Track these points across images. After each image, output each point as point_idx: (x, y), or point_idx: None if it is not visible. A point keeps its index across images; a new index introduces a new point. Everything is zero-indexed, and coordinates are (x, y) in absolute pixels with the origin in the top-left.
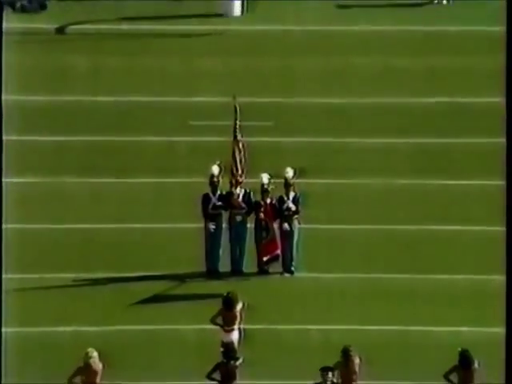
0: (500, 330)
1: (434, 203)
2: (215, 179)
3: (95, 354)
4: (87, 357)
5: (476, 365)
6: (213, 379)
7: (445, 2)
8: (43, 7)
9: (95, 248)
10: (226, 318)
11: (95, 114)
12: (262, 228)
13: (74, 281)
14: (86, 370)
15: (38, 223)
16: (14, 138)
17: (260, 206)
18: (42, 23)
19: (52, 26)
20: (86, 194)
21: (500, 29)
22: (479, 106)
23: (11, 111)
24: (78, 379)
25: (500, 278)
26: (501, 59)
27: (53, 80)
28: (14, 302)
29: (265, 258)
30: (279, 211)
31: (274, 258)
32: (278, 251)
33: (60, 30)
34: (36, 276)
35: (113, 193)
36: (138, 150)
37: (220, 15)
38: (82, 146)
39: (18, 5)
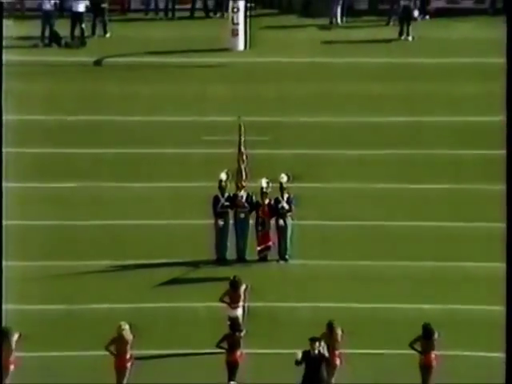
0: (457, 307)
1: (402, 204)
2: (223, 184)
3: (127, 326)
4: (120, 329)
5: (436, 335)
6: (221, 347)
7: (410, 38)
8: (83, 44)
9: (127, 240)
10: (232, 297)
11: (126, 131)
12: (259, 223)
13: (111, 267)
14: (120, 340)
15: (82, 220)
16: (61, 150)
17: (260, 205)
18: (83, 57)
19: (90, 59)
20: (121, 196)
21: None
22: (440, 123)
23: (55, 129)
24: (112, 347)
25: (459, 265)
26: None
27: (91, 102)
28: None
29: (259, 248)
30: (275, 210)
31: (267, 248)
32: (270, 243)
33: (97, 63)
34: (90, 262)
35: (140, 195)
36: (160, 160)
37: (227, 50)
38: (115, 157)
39: (63, 42)
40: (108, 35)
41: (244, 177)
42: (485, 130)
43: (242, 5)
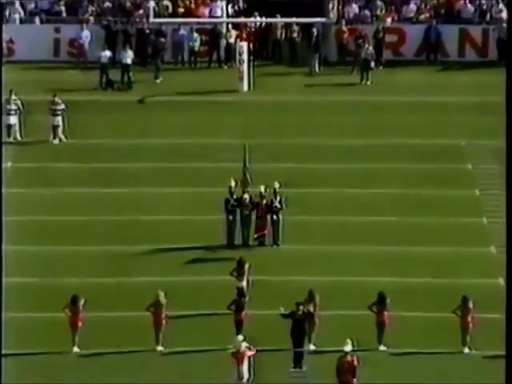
0: (411, 280)
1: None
2: (232, 189)
3: (162, 293)
4: (157, 295)
5: (388, 301)
6: (230, 309)
7: (368, 82)
8: (130, 87)
9: (162, 231)
10: (239, 272)
11: (161, 150)
12: (258, 218)
13: (150, 250)
14: (157, 304)
15: (129, 216)
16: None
17: (259, 205)
18: (130, 97)
19: (135, 99)
20: (157, 198)
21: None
22: (390, 144)
23: (111, 146)
24: (151, 309)
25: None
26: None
27: (135, 128)
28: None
29: (256, 235)
30: (270, 208)
31: (263, 235)
32: (266, 231)
33: (140, 101)
34: (135, 247)
35: (172, 197)
36: (186, 170)
37: (235, 91)
38: (155, 169)
39: (116, 86)
40: (159, 80)
41: (248, 184)
42: (426, 149)
43: (245, 58)
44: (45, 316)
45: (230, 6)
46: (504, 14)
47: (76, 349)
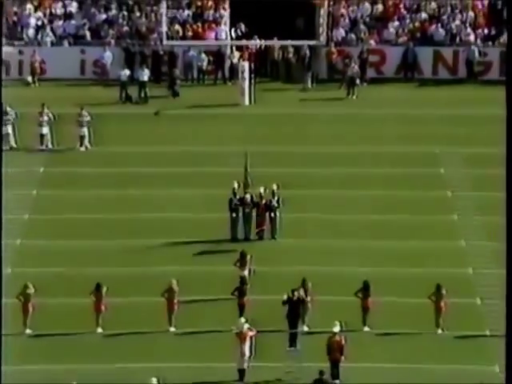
0: (392, 270)
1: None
2: (235, 190)
3: (175, 281)
4: (171, 282)
5: (371, 288)
6: (234, 295)
7: (354, 97)
8: (146, 101)
9: (175, 226)
10: (242, 263)
11: (173, 157)
12: (258, 215)
13: (165, 243)
14: (170, 290)
15: (119, 213)
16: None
17: (259, 204)
18: (146, 110)
19: (151, 111)
20: (172, 199)
21: (382, 111)
22: (370, 152)
23: (132, 155)
24: (165, 295)
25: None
26: (385, 127)
27: (149, 137)
28: (131, 255)
29: (256, 231)
30: (269, 207)
31: (262, 231)
32: (264, 227)
33: (155, 113)
34: (151, 240)
35: (185, 199)
36: (194, 175)
37: (238, 105)
38: (169, 173)
39: (134, 100)
40: (179, 97)
41: (248, 186)
42: (404, 155)
43: (247, 75)
44: (73, 301)
45: (233, 30)
46: (471, 37)
47: (100, 329)
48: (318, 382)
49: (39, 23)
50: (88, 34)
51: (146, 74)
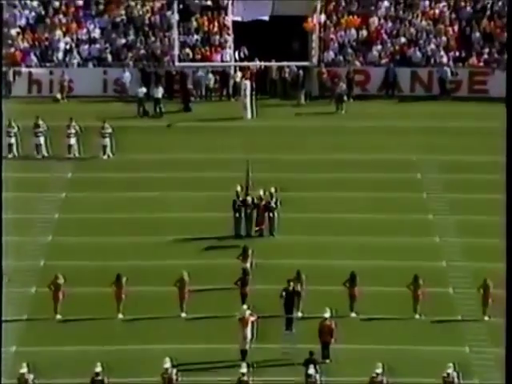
0: (375, 263)
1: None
2: (238, 192)
3: (186, 273)
4: (182, 274)
5: (358, 278)
6: (237, 285)
7: (342, 112)
8: (161, 116)
9: (187, 224)
10: (244, 256)
11: (185, 163)
12: (258, 215)
13: (177, 240)
14: (181, 281)
15: (137, 213)
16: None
17: (259, 205)
18: (161, 123)
19: (164, 124)
20: (183, 200)
21: (367, 123)
22: (356, 159)
23: (149, 161)
24: (177, 285)
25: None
26: (368, 137)
27: (163, 145)
28: (148, 250)
29: (256, 228)
30: (268, 208)
31: (261, 229)
32: (264, 226)
33: (168, 126)
34: (158, 238)
35: (195, 200)
36: (205, 179)
37: (241, 118)
38: (184, 179)
39: (150, 115)
40: (191, 112)
41: (250, 189)
42: (385, 162)
43: (248, 93)
44: (97, 290)
45: (236, 52)
46: (444, 59)
47: (120, 315)
48: (308, 362)
49: (67, 47)
50: (109, 56)
51: (160, 92)
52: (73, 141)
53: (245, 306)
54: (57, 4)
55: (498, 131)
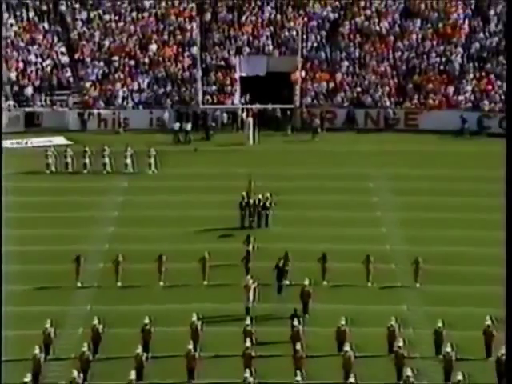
0: (340, 246)
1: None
2: (244, 197)
3: (206, 253)
4: (204, 254)
5: (328, 256)
6: (242, 261)
7: (317, 139)
8: (189, 142)
9: (199, 218)
10: (247, 241)
11: (208, 175)
12: (257, 212)
13: (190, 232)
14: (204, 259)
15: (171, 211)
16: None
17: (258, 205)
18: (189, 147)
19: (191, 148)
20: (204, 202)
21: (337, 148)
22: (335, 173)
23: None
24: (201, 261)
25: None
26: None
27: (190, 161)
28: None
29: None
30: (264, 207)
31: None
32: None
33: (195, 150)
34: (187, 229)
35: (213, 202)
36: (220, 186)
37: (246, 144)
38: (203, 187)
39: (182, 142)
40: (210, 140)
41: (252, 194)
42: (346, 174)
43: (251, 127)
44: (144, 266)
45: (242, 98)
46: (388, 103)
47: (161, 283)
48: (293, 316)
49: (124, 95)
50: (153, 101)
51: (189, 126)
52: (128, 160)
53: (248, 277)
54: (116, 64)
55: (427, 153)
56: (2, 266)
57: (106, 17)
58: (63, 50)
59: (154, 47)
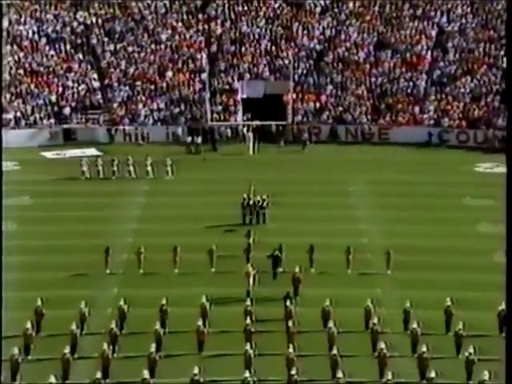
0: (326, 240)
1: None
2: (245, 198)
3: (214, 246)
4: (212, 247)
5: (315, 248)
6: (244, 252)
7: (306, 150)
8: (199, 153)
9: (206, 216)
10: (248, 235)
11: (208, 183)
12: (256, 212)
13: (196, 229)
14: (211, 250)
15: (188, 210)
16: None
17: (256, 205)
18: (198, 157)
19: (201, 158)
20: (212, 203)
21: (324, 157)
22: (321, 179)
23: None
24: (209, 253)
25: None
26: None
27: (203, 167)
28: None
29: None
30: (262, 207)
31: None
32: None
33: (204, 159)
34: (198, 226)
35: (219, 203)
36: (224, 190)
37: (246, 153)
38: (210, 190)
39: (193, 153)
40: (217, 151)
41: (251, 195)
42: (330, 179)
43: (251, 140)
44: (162, 257)
45: (244, 116)
46: (364, 120)
47: (176, 270)
48: (286, 298)
49: (145, 114)
50: (170, 119)
51: (199, 139)
52: (149, 168)
53: (249, 265)
54: (139, 88)
55: (398, 162)
56: (37, 257)
57: (130, 48)
58: (95, 76)
59: (170, 74)
